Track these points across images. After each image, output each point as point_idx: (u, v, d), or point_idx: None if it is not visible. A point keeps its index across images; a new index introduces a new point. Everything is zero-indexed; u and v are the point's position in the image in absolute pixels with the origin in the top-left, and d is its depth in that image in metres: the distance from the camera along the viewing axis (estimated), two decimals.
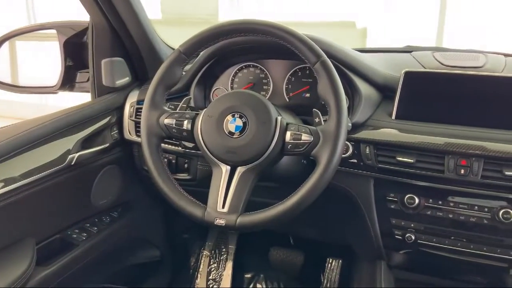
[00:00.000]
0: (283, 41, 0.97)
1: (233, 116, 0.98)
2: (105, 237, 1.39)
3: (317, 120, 0.97)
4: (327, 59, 0.95)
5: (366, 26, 4.29)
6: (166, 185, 0.99)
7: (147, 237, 1.70)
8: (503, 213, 1.07)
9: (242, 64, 1.37)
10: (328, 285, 1.77)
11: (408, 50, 1.39)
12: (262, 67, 1.35)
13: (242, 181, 0.96)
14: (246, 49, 1.30)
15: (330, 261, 1.80)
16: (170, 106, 1.10)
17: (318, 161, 0.92)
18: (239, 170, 0.97)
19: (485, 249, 1.12)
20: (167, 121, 1.02)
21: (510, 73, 1.16)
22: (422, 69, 1.22)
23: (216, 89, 1.39)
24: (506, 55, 1.29)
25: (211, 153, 0.99)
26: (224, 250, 1.95)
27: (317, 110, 0.98)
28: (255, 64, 1.36)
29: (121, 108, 1.41)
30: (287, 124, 0.97)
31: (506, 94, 1.10)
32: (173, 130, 1.02)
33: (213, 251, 1.93)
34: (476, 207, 1.10)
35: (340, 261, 1.79)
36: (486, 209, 1.09)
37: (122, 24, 1.34)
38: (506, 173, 1.04)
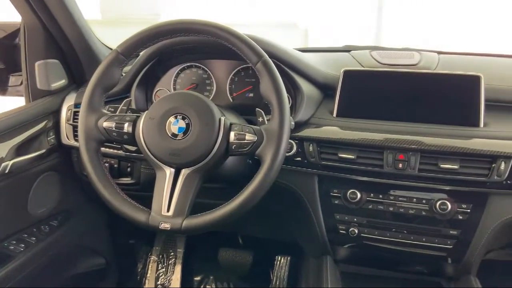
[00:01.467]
0: (224, 41, 0.97)
1: (175, 117, 0.96)
2: (44, 248, 1.33)
3: (260, 119, 0.97)
4: (268, 58, 0.96)
5: (307, 26, 4.36)
6: (107, 190, 0.96)
7: (90, 245, 1.64)
8: (440, 205, 1.12)
9: (185, 65, 1.35)
10: (277, 282, 1.79)
11: (346, 49, 1.42)
12: (205, 68, 1.34)
13: (187, 184, 0.95)
14: (188, 49, 1.29)
15: (279, 259, 1.82)
16: (110, 109, 1.06)
17: (262, 160, 0.92)
18: (184, 172, 0.95)
19: (424, 239, 1.17)
20: (106, 124, 0.99)
21: (443, 69, 1.22)
22: (360, 68, 1.26)
23: (158, 90, 1.36)
24: (439, 52, 1.35)
25: (154, 156, 0.96)
26: (172, 254, 1.92)
27: (260, 110, 0.98)
28: (198, 64, 1.34)
29: (57, 112, 1.35)
30: (231, 124, 0.97)
31: (439, 90, 1.16)
32: (113, 133, 0.99)
33: (161, 256, 1.90)
34: (414, 200, 1.15)
35: (289, 258, 1.81)
36: (424, 201, 1.15)
37: (56, 24, 1.28)
38: (441, 165, 1.09)
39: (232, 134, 0.95)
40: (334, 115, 1.20)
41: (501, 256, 1.44)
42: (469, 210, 1.12)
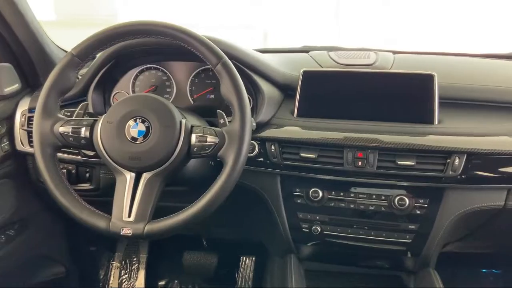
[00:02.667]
0: (182, 42, 0.96)
1: (135, 120, 0.94)
2: (1, 258, 1.28)
3: (221, 121, 0.97)
4: (228, 60, 0.96)
5: (266, 28, 4.39)
6: (65, 197, 0.93)
7: (49, 254, 1.59)
8: (398, 200, 1.15)
9: (143, 67, 1.33)
10: (242, 283, 1.79)
11: (305, 50, 1.44)
12: (164, 70, 1.32)
13: (148, 188, 0.93)
14: (147, 51, 1.27)
15: (244, 259, 1.82)
16: (66, 113, 1.03)
17: (225, 161, 0.92)
18: (145, 176, 0.94)
19: (384, 234, 1.20)
20: (62, 129, 0.96)
21: (399, 69, 1.25)
22: (319, 68, 1.28)
23: (117, 93, 1.33)
24: (394, 52, 1.39)
25: (113, 161, 0.94)
26: (135, 259, 1.89)
27: (221, 111, 0.98)
28: (157, 66, 1.33)
29: (11, 118, 1.30)
30: (192, 126, 0.96)
31: (395, 89, 1.19)
32: (70, 138, 0.96)
33: (123, 262, 1.86)
34: (374, 196, 1.18)
35: (254, 258, 1.82)
36: (383, 197, 1.18)
37: (7, 27, 1.23)
38: (399, 162, 1.12)
39: (193, 137, 0.94)
40: (295, 115, 1.21)
41: (458, 248, 1.50)
42: (426, 205, 1.16)
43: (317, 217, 1.22)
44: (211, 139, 0.93)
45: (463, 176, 1.11)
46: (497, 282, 1.84)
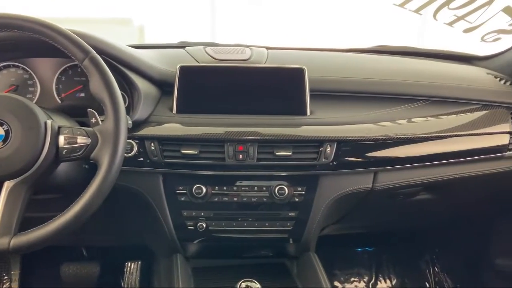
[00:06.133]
0: (43, 36, 0.88)
1: None
2: None
3: (93, 120, 0.91)
4: (97, 55, 0.91)
5: (143, 23, 4.25)
6: None
7: None
8: (278, 189, 1.19)
9: (1, 65, 1.20)
10: None
11: (181, 45, 1.42)
12: (26, 67, 1.20)
13: (11, 198, 0.85)
14: (4, 47, 1.14)
15: (129, 265, 1.75)
16: None
17: (99, 164, 0.87)
18: (7, 185, 0.85)
19: (267, 224, 1.24)
20: None
21: (272, 63, 1.30)
22: (196, 64, 1.27)
23: None
24: (268, 48, 1.44)
25: None
26: (6, 277, 1.71)
27: (92, 110, 0.92)
28: (17, 64, 1.20)
29: None
30: (60, 127, 0.89)
31: (270, 83, 1.23)
32: None
33: None
34: (256, 188, 1.21)
35: (139, 262, 1.76)
36: (264, 188, 1.21)
37: None
38: (277, 153, 1.16)
39: (61, 138, 0.87)
40: (174, 111, 1.19)
41: (335, 231, 1.61)
42: (304, 192, 1.22)
43: (202, 214, 1.21)
44: (82, 140, 0.87)
45: (334, 163, 1.18)
46: (370, 259, 2.02)
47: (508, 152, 1.31)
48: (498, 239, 1.73)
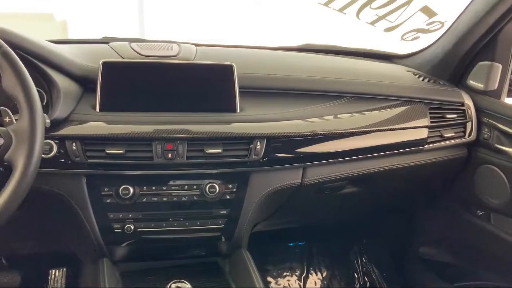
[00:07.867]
0: None
1: None
2: None
3: (7, 119, 0.86)
4: (9, 49, 0.85)
5: (66, 18, 4.04)
6: None
7: None
8: (209, 188, 1.18)
9: None
10: None
11: (105, 41, 1.36)
12: None
13: None
14: None
15: (53, 273, 1.66)
16: None
17: (13, 165, 0.82)
18: None
19: (198, 223, 1.22)
20: None
21: (201, 60, 1.28)
22: (120, 59, 1.22)
23: None
24: (196, 45, 1.41)
25: None
26: None
27: (5, 109, 0.86)
28: None
29: None
30: None
31: (199, 80, 1.21)
32: None
33: None
34: (186, 187, 1.19)
35: (64, 269, 1.67)
36: (195, 187, 1.19)
37: None
38: (207, 151, 1.15)
39: None
40: (97, 109, 1.13)
41: (267, 227, 1.63)
42: (235, 190, 1.21)
43: (130, 215, 1.17)
44: None
45: (264, 159, 1.19)
46: (302, 253, 2.07)
47: (426, 146, 1.39)
48: (420, 228, 1.83)
